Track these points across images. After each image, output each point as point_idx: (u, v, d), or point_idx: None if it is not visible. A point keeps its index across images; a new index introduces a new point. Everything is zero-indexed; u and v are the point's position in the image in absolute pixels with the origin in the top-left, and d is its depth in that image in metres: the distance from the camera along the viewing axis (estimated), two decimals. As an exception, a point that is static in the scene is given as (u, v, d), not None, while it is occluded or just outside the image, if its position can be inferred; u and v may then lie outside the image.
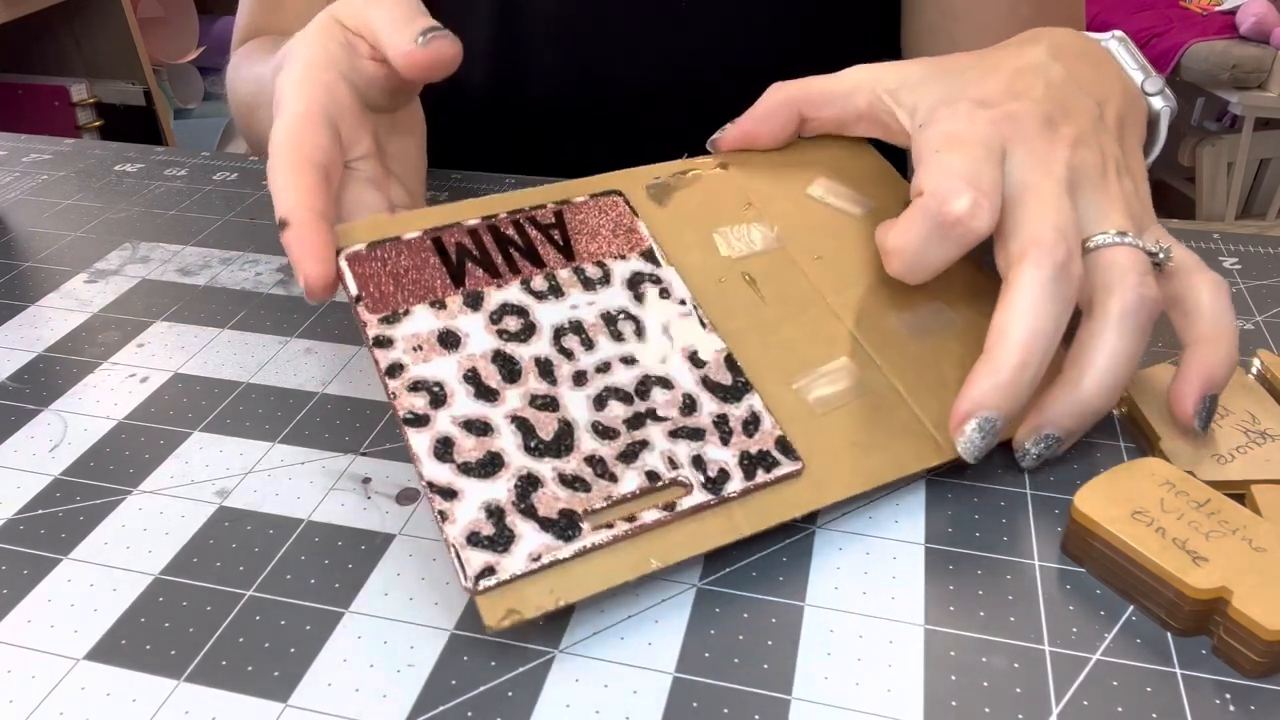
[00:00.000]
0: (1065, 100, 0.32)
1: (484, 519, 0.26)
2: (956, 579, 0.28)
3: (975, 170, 0.30)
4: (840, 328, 0.33)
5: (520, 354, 0.30)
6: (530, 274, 0.32)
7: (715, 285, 0.33)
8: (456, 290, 0.31)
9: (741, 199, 0.36)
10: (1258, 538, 0.26)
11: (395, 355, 0.29)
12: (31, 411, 0.36)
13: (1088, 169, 0.31)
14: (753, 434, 0.29)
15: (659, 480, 0.28)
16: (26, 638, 0.27)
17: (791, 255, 0.35)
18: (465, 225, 0.32)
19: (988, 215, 0.29)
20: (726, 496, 0.28)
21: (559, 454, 0.28)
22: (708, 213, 0.35)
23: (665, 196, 0.35)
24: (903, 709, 0.25)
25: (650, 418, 0.29)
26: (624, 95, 0.58)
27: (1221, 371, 0.29)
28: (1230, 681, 0.25)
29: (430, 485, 0.27)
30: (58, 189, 0.53)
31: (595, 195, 0.34)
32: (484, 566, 0.26)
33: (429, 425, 0.28)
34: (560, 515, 0.27)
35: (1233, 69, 1.80)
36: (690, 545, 0.27)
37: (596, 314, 0.31)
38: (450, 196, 0.51)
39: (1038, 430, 0.30)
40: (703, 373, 0.30)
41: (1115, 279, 0.29)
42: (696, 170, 0.37)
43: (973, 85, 0.33)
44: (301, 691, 0.25)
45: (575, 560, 0.26)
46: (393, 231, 0.31)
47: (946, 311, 0.34)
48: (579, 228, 0.33)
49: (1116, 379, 0.29)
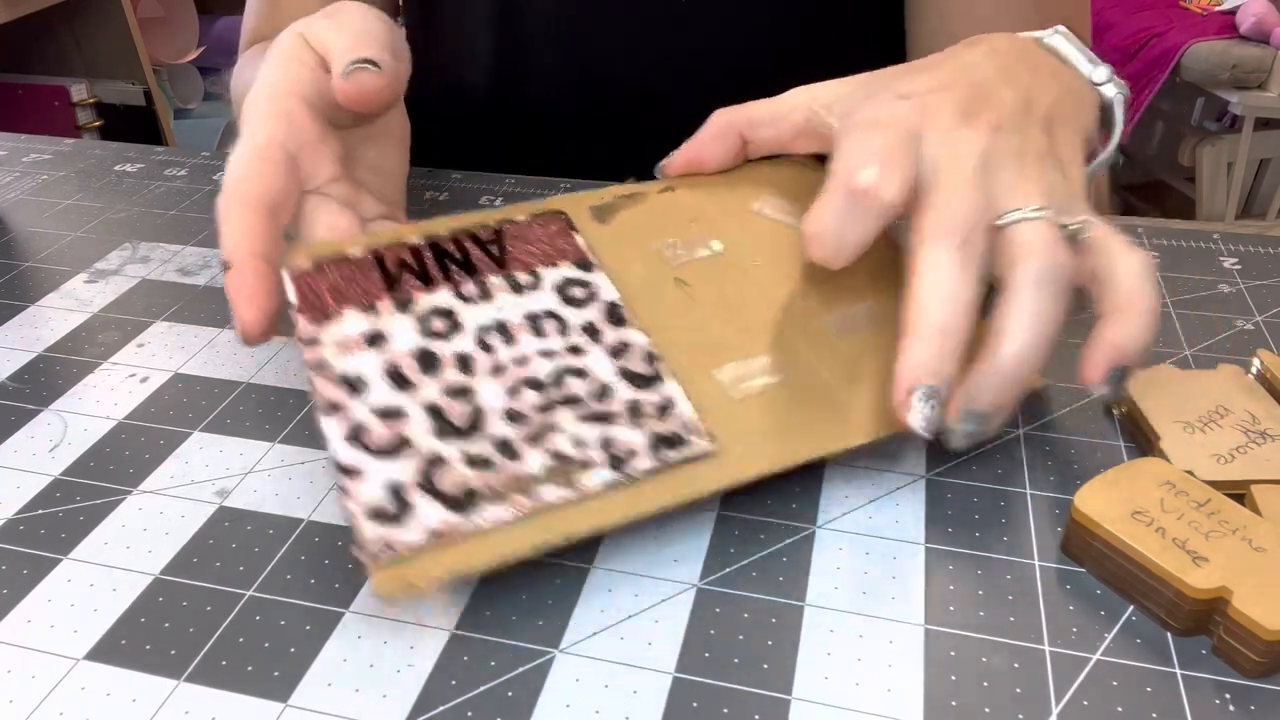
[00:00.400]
0: (988, 93, 0.32)
1: (385, 495, 0.27)
2: (956, 579, 0.28)
3: (885, 145, 0.30)
4: (770, 325, 0.33)
5: (442, 350, 0.30)
6: (462, 281, 0.32)
7: (648, 290, 0.34)
8: (388, 296, 0.32)
9: (687, 216, 0.37)
10: (1258, 538, 0.26)
11: (322, 353, 0.30)
12: (31, 411, 0.36)
13: (1003, 153, 0.31)
14: (665, 417, 0.29)
15: (566, 459, 0.28)
16: (26, 638, 0.27)
17: (730, 262, 0.35)
18: (409, 243, 0.33)
19: (896, 184, 0.30)
20: (632, 475, 0.28)
21: (467, 437, 0.28)
22: (651, 229, 0.36)
23: (608, 215, 0.36)
24: (903, 709, 0.25)
25: (562, 404, 0.29)
26: (624, 95, 0.58)
27: (1132, 342, 0.29)
28: (1230, 681, 0.25)
29: (339, 466, 0.27)
30: (58, 189, 0.53)
31: (537, 215, 0.35)
32: (381, 540, 0.26)
33: (344, 413, 0.28)
34: (461, 492, 0.27)
35: (1233, 69, 1.80)
36: (592, 521, 0.27)
37: (521, 314, 0.32)
38: (450, 197, 0.51)
39: (962, 407, 0.29)
40: (621, 363, 0.31)
41: (1023, 251, 0.29)
42: (642, 192, 0.38)
43: (899, 83, 0.34)
44: (301, 691, 0.25)
45: (473, 535, 0.26)
46: (340, 250, 0.32)
47: (877, 311, 0.34)
48: (516, 241, 0.34)
49: (1031, 345, 0.28)
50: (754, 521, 0.30)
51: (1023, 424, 0.34)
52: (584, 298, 0.33)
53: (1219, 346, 0.37)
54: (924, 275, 0.29)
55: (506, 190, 0.51)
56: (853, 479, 0.32)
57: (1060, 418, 0.34)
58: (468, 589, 0.28)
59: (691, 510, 0.30)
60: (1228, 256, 0.44)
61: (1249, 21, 1.80)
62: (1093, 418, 0.34)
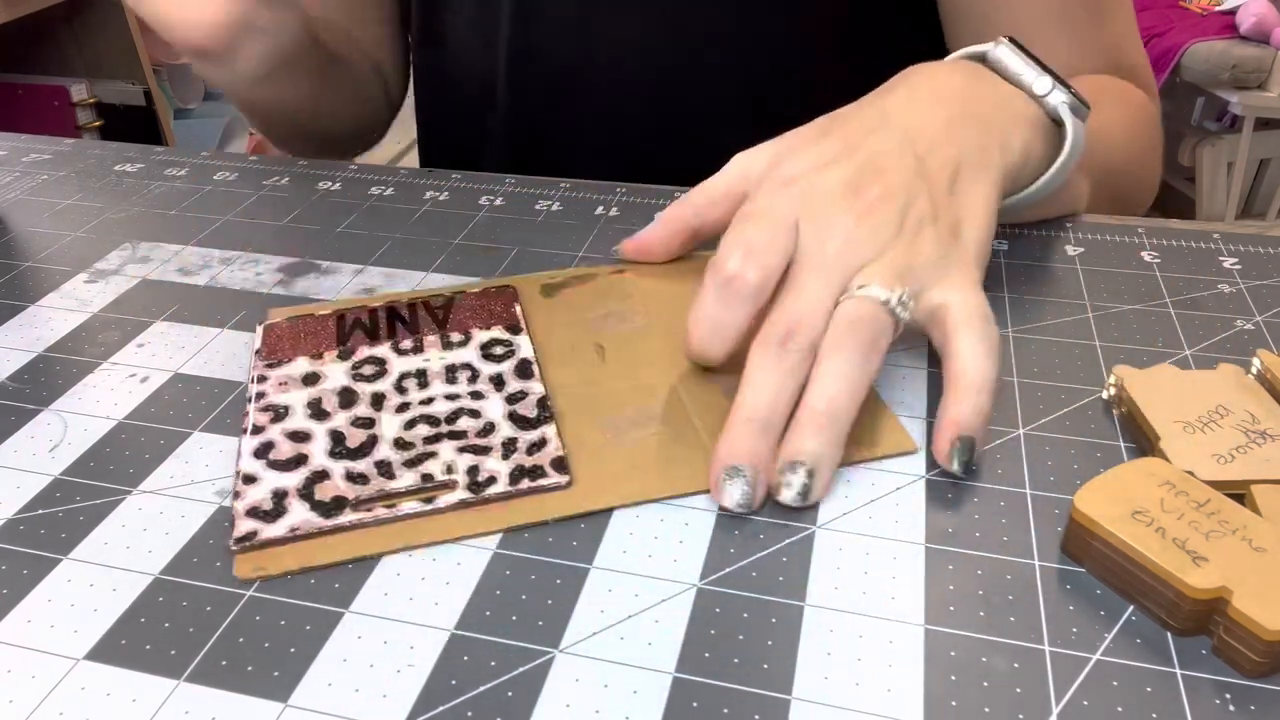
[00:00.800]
0: (879, 166, 0.35)
1: (267, 498, 0.30)
2: (956, 579, 0.28)
3: (755, 235, 0.33)
4: (663, 385, 0.35)
5: (363, 389, 0.35)
6: (403, 338, 0.38)
7: (566, 351, 0.37)
8: (336, 347, 0.37)
9: (625, 293, 0.41)
10: (1258, 538, 0.26)
11: (263, 388, 0.35)
12: (31, 411, 0.36)
13: (875, 232, 0.33)
14: (534, 454, 0.32)
15: (431, 481, 0.31)
16: (26, 638, 0.27)
17: (649, 333, 0.38)
18: (370, 307, 0.39)
19: (756, 271, 0.33)
20: (487, 498, 0.30)
21: (355, 458, 0.32)
22: (590, 303, 0.40)
23: (555, 291, 0.41)
24: (903, 709, 0.25)
25: (448, 436, 0.33)
26: (633, 99, 0.58)
27: (969, 418, 0.31)
28: (1230, 681, 0.25)
29: (241, 475, 0.31)
30: (58, 189, 0.53)
31: (490, 288, 0.40)
32: (248, 531, 0.29)
33: (261, 434, 0.33)
34: (331, 500, 0.30)
35: (1233, 69, 1.80)
36: (439, 533, 0.30)
37: (442, 365, 0.36)
38: (450, 196, 0.51)
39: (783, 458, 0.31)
40: (513, 408, 0.34)
41: (834, 321, 0.32)
42: (594, 273, 0.42)
43: (794, 158, 0.36)
44: (301, 691, 0.25)
45: (330, 535, 0.29)
46: (311, 311, 0.39)
47: None
48: (461, 309, 0.39)
49: (836, 395, 0.31)
50: (754, 521, 0.30)
51: (1023, 424, 0.34)
52: (502, 354, 0.37)
53: (1219, 346, 0.37)
54: (749, 375, 0.31)
55: (506, 190, 0.51)
56: (853, 479, 0.32)
57: (1060, 418, 0.34)
58: (468, 589, 0.28)
59: (691, 510, 0.30)
60: (1228, 256, 0.44)
61: (1249, 21, 1.80)
62: (1093, 418, 0.34)
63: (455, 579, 0.28)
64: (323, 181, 0.53)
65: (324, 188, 0.52)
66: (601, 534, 0.30)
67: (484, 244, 0.46)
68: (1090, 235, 0.45)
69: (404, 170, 0.54)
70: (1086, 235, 0.45)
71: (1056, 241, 0.45)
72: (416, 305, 0.39)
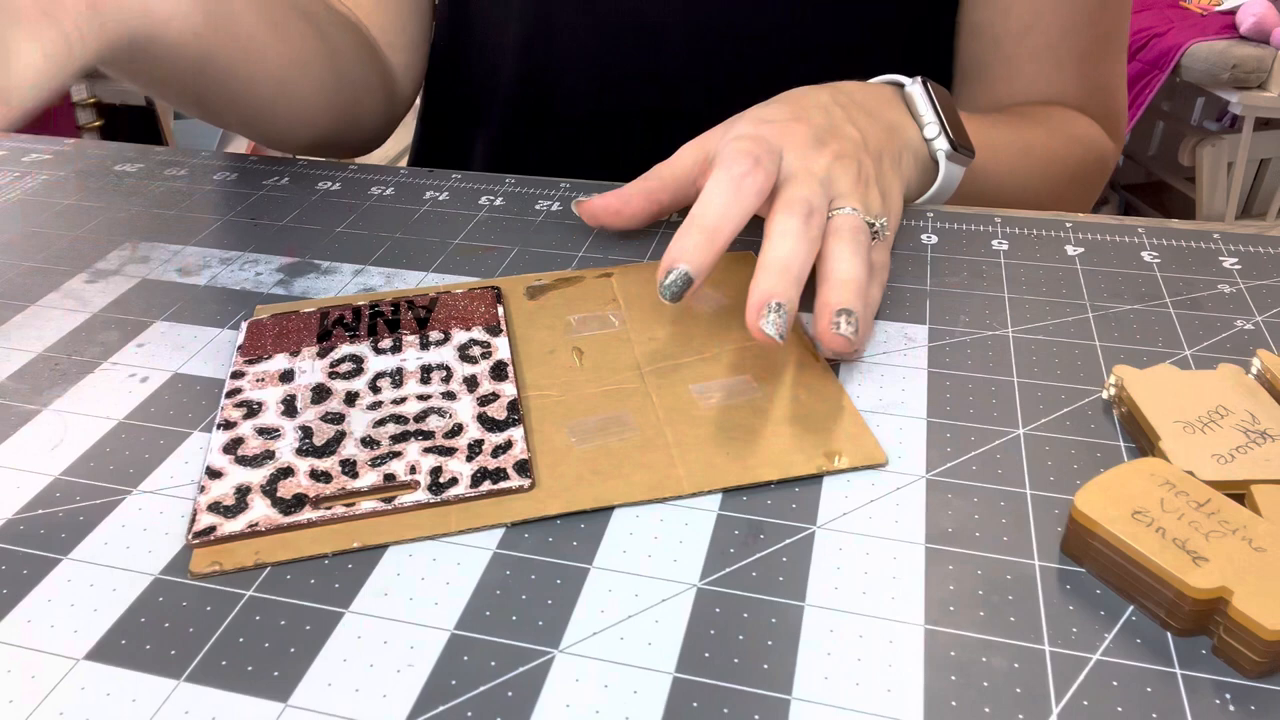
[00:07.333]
0: (835, 128, 0.41)
1: (230, 494, 0.31)
2: (956, 579, 0.28)
3: (757, 149, 0.37)
4: (638, 390, 0.35)
5: (337, 386, 0.35)
6: (383, 336, 0.38)
7: (544, 354, 0.37)
8: (316, 344, 0.37)
9: (607, 297, 0.41)
10: (1258, 538, 0.26)
11: (240, 384, 0.35)
12: (31, 411, 0.36)
13: (842, 172, 0.39)
14: (499, 456, 0.32)
15: (393, 480, 0.31)
16: (26, 638, 0.27)
17: (627, 336, 0.38)
18: (354, 305, 0.40)
19: (763, 176, 0.36)
20: (447, 499, 0.30)
21: (321, 455, 0.32)
22: (571, 305, 0.40)
23: (540, 294, 0.41)
24: (903, 709, 0.25)
25: (415, 436, 0.33)
26: (643, 100, 0.58)
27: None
28: (1230, 681, 0.25)
29: (207, 469, 0.32)
30: (58, 189, 0.53)
31: (475, 288, 0.41)
32: (207, 526, 0.30)
33: (233, 429, 0.33)
34: (292, 497, 0.30)
35: (1233, 69, 1.79)
36: (396, 533, 0.30)
37: (418, 365, 0.36)
38: (450, 196, 0.51)
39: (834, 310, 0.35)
40: (484, 410, 0.34)
41: (835, 224, 0.37)
42: (580, 276, 0.42)
43: (765, 112, 0.41)
44: (301, 691, 0.25)
45: (288, 532, 0.30)
46: (296, 308, 0.40)
47: (750, 384, 0.36)
48: (444, 308, 0.40)
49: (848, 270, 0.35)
50: (754, 521, 0.30)
51: (1023, 424, 0.34)
52: (479, 355, 0.37)
53: (1219, 346, 0.37)
54: (773, 239, 0.35)
55: (506, 190, 0.51)
56: (853, 479, 0.32)
57: (1060, 418, 0.34)
58: (468, 589, 0.28)
59: (692, 510, 0.30)
60: (1228, 256, 0.44)
61: (1249, 21, 1.80)
62: (1093, 418, 0.34)
63: (455, 579, 0.28)
64: (323, 181, 0.53)
65: (324, 188, 0.52)
66: (601, 534, 0.30)
67: (484, 244, 0.46)
68: (1090, 235, 0.45)
69: (404, 170, 0.54)
70: (1086, 235, 0.45)
71: (1056, 241, 0.45)
72: (400, 304, 0.40)
